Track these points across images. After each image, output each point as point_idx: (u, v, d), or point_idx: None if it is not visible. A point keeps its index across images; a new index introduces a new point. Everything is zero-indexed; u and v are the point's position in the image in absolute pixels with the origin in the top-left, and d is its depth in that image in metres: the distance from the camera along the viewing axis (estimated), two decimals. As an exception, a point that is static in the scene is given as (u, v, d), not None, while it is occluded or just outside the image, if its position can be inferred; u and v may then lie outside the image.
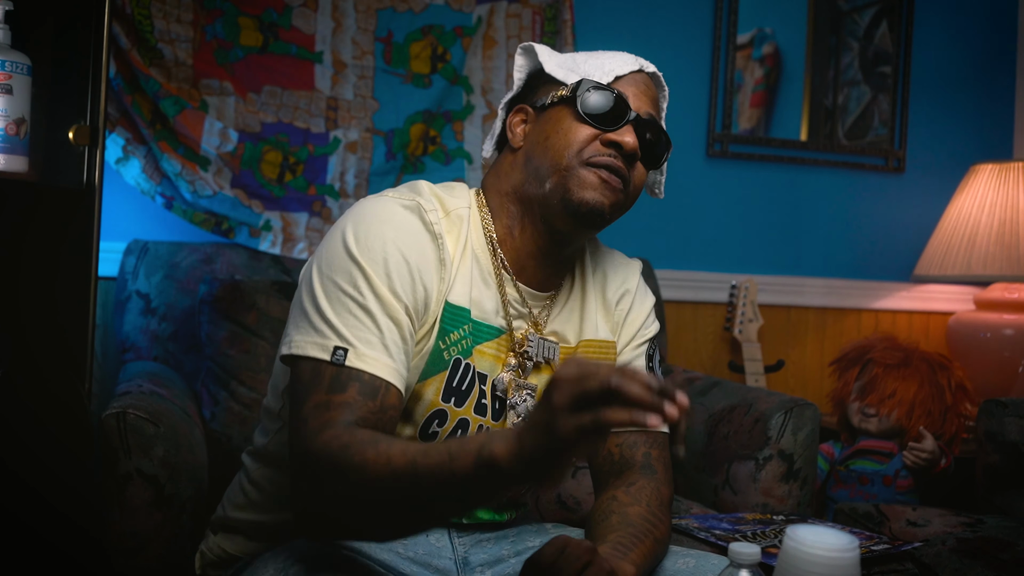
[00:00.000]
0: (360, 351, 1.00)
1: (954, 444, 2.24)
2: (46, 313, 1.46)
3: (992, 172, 2.57)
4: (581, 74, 1.13)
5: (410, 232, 1.06)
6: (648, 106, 1.14)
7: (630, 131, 1.10)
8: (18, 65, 1.39)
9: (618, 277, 1.26)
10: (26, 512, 1.34)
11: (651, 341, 1.27)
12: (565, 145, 1.10)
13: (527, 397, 1.15)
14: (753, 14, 2.59)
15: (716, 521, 1.68)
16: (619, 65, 1.14)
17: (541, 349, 1.16)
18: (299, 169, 2.13)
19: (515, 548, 1.18)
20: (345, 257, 1.04)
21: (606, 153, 1.10)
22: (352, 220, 1.07)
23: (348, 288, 1.03)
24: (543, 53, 1.16)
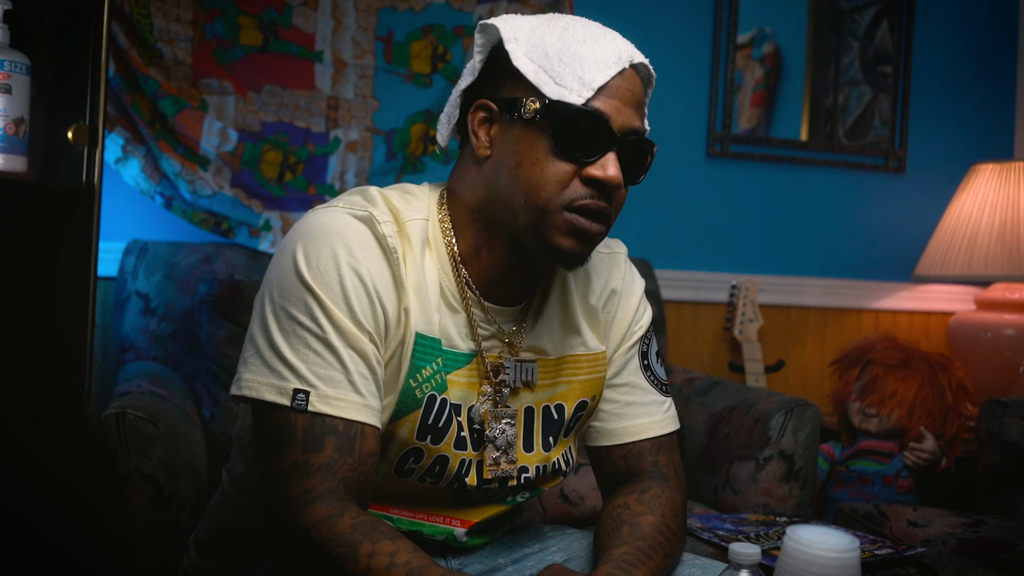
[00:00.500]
0: (323, 393, 0.92)
1: (955, 444, 2.24)
2: (45, 313, 1.46)
3: (993, 172, 2.57)
4: (555, 78, 0.96)
5: (364, 247, 0.96)
6: (633, 116, 0.99)
7: (613, 161, 0.97)
8: (17, 65, 1.39)
9: (601, 277, 1.14)
10: (26, 512, 1.33)
11: (643, 339, 1.16)
12: (541, 183, 0.96)
13: (506, 426, 1.05)
14: (753, 14, 2.59)
15: (719, 522, 1.68)
16: (600, 70, 0.97)
17: (518, 373, 1.06)
18: (299, 169, 2.13)
19: (512, 556, 1.14)
20: (297, 283, 0.94)
21: (586, 195, 0.96)
22: (301, 238, 0.96)
23: (304, 319, 0.93)
24: (509, 36, 0.99)
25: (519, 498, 1.11)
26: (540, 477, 1.10)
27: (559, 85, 0.96)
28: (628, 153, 0.99)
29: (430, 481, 1.04)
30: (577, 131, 0.96)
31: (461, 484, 1.05)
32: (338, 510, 0.90)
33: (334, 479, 0.91)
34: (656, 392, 1.14)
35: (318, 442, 0.92)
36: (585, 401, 1.11)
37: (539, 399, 1.09)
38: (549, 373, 1.09)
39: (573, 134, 0.96)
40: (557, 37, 0.98)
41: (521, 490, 1.10)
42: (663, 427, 1.13)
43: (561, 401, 1.10)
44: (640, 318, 1.16)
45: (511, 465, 1.05)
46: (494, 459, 1.05)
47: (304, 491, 0.91)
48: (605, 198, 0.98)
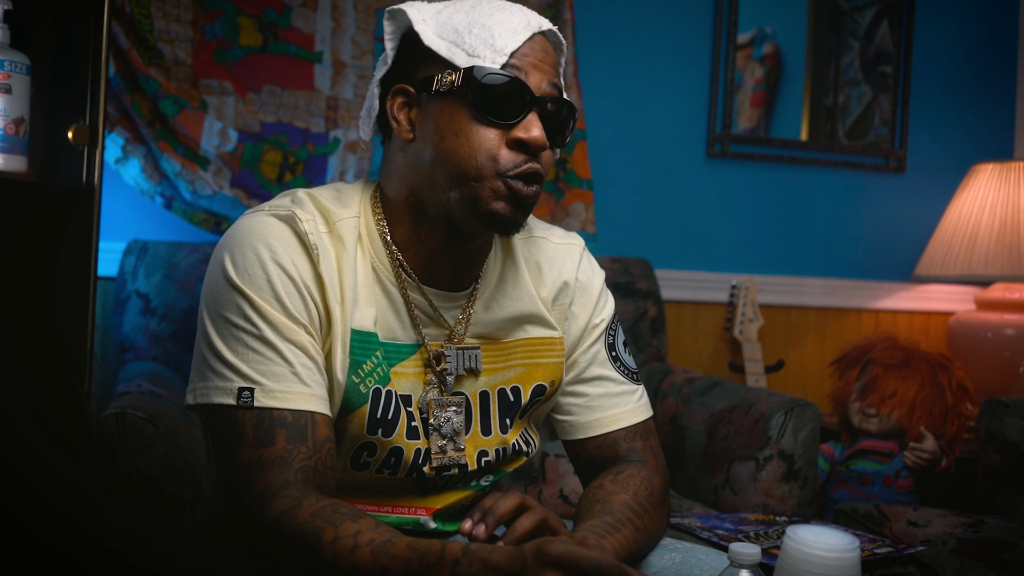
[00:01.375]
0: (268, 387, 0.94)
1: (955, 444, 2.24)
2: (45, 313, 1.46)
3: (993, 172, 2.57)
4: (467, 50, 0.97)
5: (286, 245, 0.97)
6: (550, 78, 1.00)
7: (535, 121, 0.97)
8: (17, 64, 1.39)
9: (553, 268, 1.13)
10: (26, 512, 1.33)
11: (607, 330, 1.15)
12: (469, 154, 0.96)
13: (452, 414, 1.06)
14: (753, 14, 2.59)
15: (719, 521, 1.68)
16: (511, 35, 0.97)
17: (460, 362, 1.06)
18: (299, 169, 2.13)
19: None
20: (228, 288, 0.96)
21: (516, 161, 0.97)
22: (227, 245, 0.98)
23: (239, 321, 0.95)
24: (416, 18, 1.00)
25: (483, 482, 1.12)
26: (501, 459, 1.11)
27: (472, 56, 0.97)
28: (550, 115, 0.99)
29: (388, 472, 1.05)
30: (496, 95, 0.96)
31: (420, 473, 1.06)
32: (296, 500, 0.90)
33: (290, 471, 0.92)
34: (627, 382, 1.15)
35: (269, 436, 0.93)
36: (543, 386, 1.11)
37: (494, 382, 1.09)
38: (500, 357, 1.10)
39: (493, 98, 0.96)
40: (464, 14, 1.00)
41: (483, 474, 1.11)
42: (636, 416, 1.14)
43: (517, 384, 1.10)
44: (601, 310, 1.16)
45: (458, 453, 1.06)
46: (440, 447, 1.05)
47: (262, 487, 0.92)
48: (535, 159, 0.98)
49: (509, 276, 1.10)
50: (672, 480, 2.08)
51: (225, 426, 0.95)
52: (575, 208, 2.30)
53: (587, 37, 2.39)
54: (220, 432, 0.96)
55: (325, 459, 0.96)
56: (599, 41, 2.45)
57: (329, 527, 0.88)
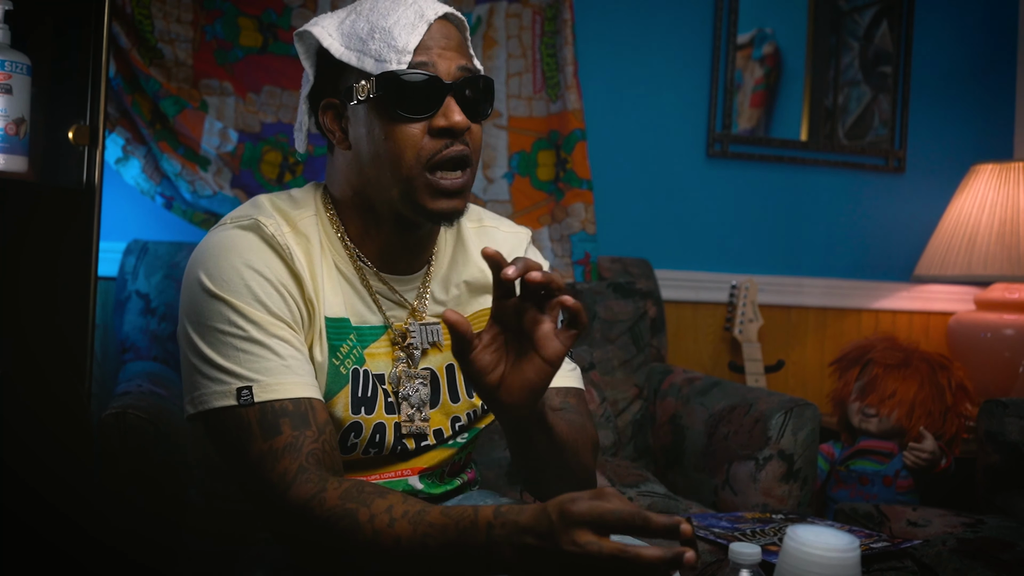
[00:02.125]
0: (264, 383, 0.98)
1: (954, 444, 2.24)
2: (46, 313, 1.46)
3: (992, 172, 2.57)
4: (374, 56, 1.02)
5: (257, 251, 1.03)
6: (457, 58, 1.05)
7: (453, 106, 1.03)
8: (18, 65, 1.39)
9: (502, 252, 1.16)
10: (26, 512, 1.33)
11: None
12: (398, 153, 1.03)
13: (419, 386, 1.13)
14: (753, 14, 2.59)
15: (715, 520, 1.68)
16: (408, 32, 1.02)
17: (424, 336, 1.14)
18: (299, 169, 2.13)
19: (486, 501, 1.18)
20: (208, 299, 1.01)
21: (442, 146, 1.03)
22: (199, 262, 1.03)
23: (224, 327, 1.00)
24: (323, 36, 1.05)
25: (459, 440, 1.18)
26: (472, 420, 1.19)
27: (380, 61, 1.02)
28: (467, 93, 1.05)
29: (374, 451, 1.11)
30: (410, 92, 1.02)
31: (403, 447, 1.12)
32: (319, 485, 0.94)
33: (301, 455, 0.96)
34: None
35: (275, 427, 0.97)
36: None
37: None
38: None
39: (408, 97, 1.02)
40: (364, 20, 1.05)
41: (459, 434, 1.18)
42: (566, 381, 1.19)
43: None
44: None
45: (423, 423, 1.13)
46: (408, 415, 1.12)
47: (279, 475, 0.95)
48: (459, 141, 1.04)
49: (459, 256, 1.19)
50: (672, 480, 2.08)
51: (230, 428, 0.99)
52: (575, 208, 2.30)
53: (587, 37, 2.39)
54: (225, 434, 1.00)
55: (330, 439, 1.00)
56: (599, 41, 2.45)
57: (362, 507, 0.91)
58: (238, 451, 0.98)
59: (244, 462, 0.98)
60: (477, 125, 1.07)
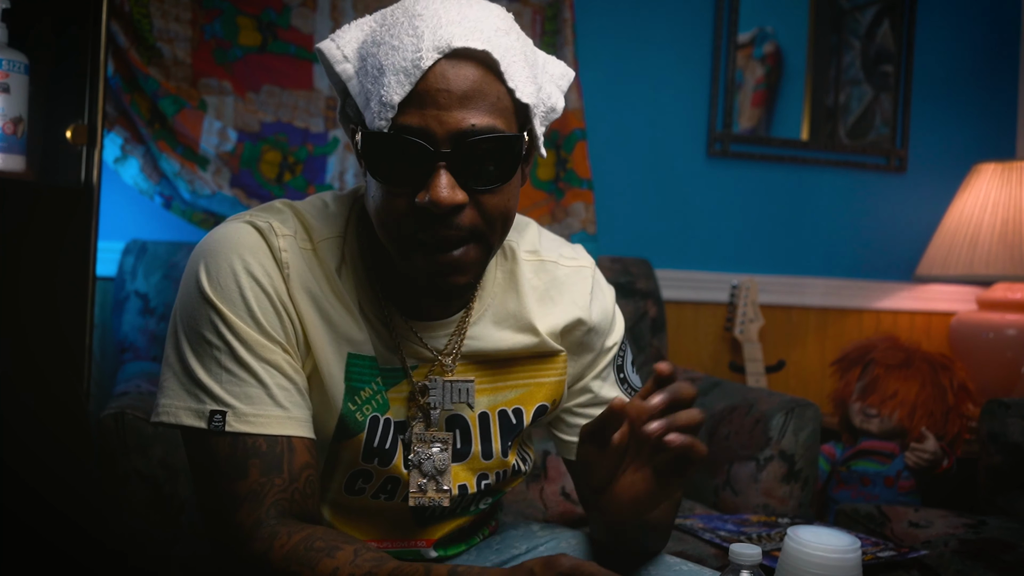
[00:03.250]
0: (240, 411, 0.89)
1: (956, 445, 2.24)
2: (44, 313, 1.45)
3: (994, 171, 2.56)
4: (369, 101, 0.86)
5: (260, 257, 0.92)
6: (464, 113, 0.84)
7: (440, 181, 0.83)
8: (16, 64, 1.39)
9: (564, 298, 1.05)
10: (26, 512, 1.33)
11: (616, 354, 1.10)
12: (380, 218, 0.89)
13: (435, 451, 0.99)
14: (754, 13, 2.58)
15: (721, 522, 1.68)
16: (398, 83, 0.83)
17: (447, 394, 0.98)
18: (298, 169, 2.13)
19: (500, 558, 1.11)
20: (201, 301, 0.90)
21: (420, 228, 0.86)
22: (203, 254, 0.93)
23: (212, 338, 0.90)
24: (337, 57, 0.89)
25: (482, 505, 1.09)
26: (500, 482, 1.07)
27: (370, 109, 0.86)
28: (470, 158, 0.85)
29: (384, 497, 1.02)
30: (392, 160, 0.85)
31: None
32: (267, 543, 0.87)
33: (262, 507, 0.88)
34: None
35: (242, 467, 0.89)
36: (545, 406, 1.06)
37: (493, 403, 1.03)
38: (497, 378, 1.03)
39: (389, 164, 0.86)
40: (376, 45, 0.87)
41: (483, 497, 1.07)
42: None
43: (519, 406, 1.05)
44: (612, 334, 1.10)
45: (440, 494, 0.99)
46: (419, 486, 0.99)
47: (236, 525, 0.88)
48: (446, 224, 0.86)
49: (510, 306, 1.03)
50: (672, 480, 2.07)
51: (198, 450, 0.92)
52: (575, 208, 2.30)
53: (587, 37, 2.39)
54: (193, 456, 0.93)
55: (303, 488, 0.91)
56: (599, 40, 2.45)
57: (306, 569, 0.84)
58: (203, 479, 0.92)
59: (207, 494, 0.91)
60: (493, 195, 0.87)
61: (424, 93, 0.83)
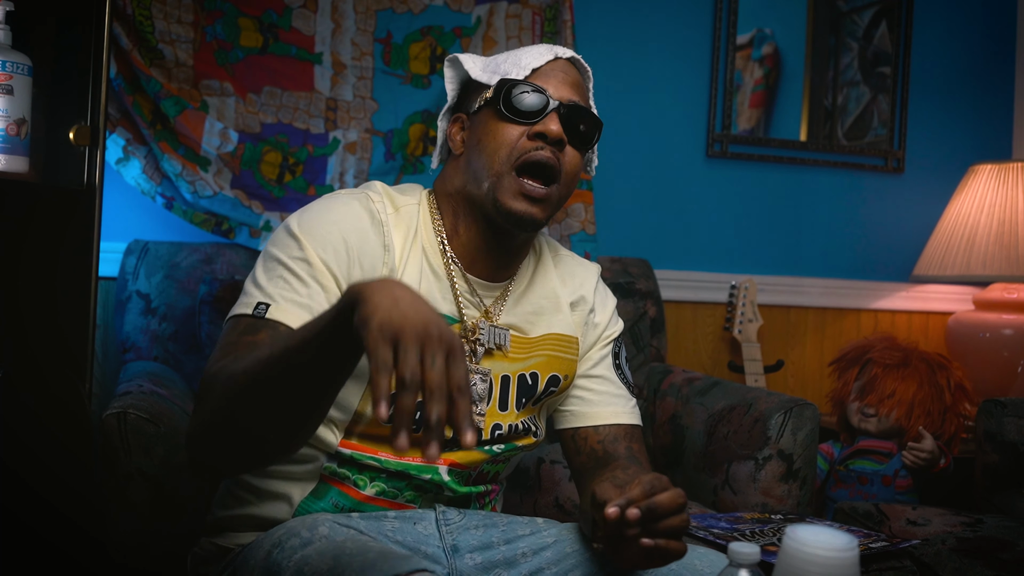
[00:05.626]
0: (281, 306, 1.06)
1: (953, 444, 2.24)
2: (46, 313, 1.46)
3: (991, 172, 2.57)
4: (501, 73, 1.18)
5: (354, 217, 1.14)
6: (570, 92, 1.18)
7: (554, 119, 1.15)
8: (19, 65, 1.39)
9: (575, 280, 1.32)
10: (26, 512, 1.34)
11: (615, 340, 1.34)
12: (496, 147, 1.15)
13: (478, 380, 1.20)
14: (753, 14, 2.59)
15: (714, 520, 1.68)
16: (534, 58, 1.18)
17: (492, 336, 1.21)
18: (299, 170, 2.13)
19: (504, 536, 1.19)
20: (286, 235, 1.12)
21: (533, 148, 1.14)
22: (300, 212, 1.15)
23: (282, 256, 1.10)
24: (467, 61, 1.22)
25: (495, 448, 1.23)
26: (512, 434, 1.24)
27: (506, 73, 1.18)
28: (569, 119, 1.16)
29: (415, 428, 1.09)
30: (519, 97, 1.15)
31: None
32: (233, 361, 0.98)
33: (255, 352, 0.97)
34: (625, 389, 1.32)
35: (255, 329, 1.05)
36: (557, 377, 1.27)
37: (516, 368, 1.24)
38: (524, 348, 1.25)
39: (516, 100, 1.15)
40: (504, 55, 1.22)
41: (495, 442, 1.23)
42: (631, 419, 1.29)
43: (536, 371, 1.25)
44: (612, 326, 1.34)
45: (479, 418, 1.20)
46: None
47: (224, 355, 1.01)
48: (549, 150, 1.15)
49: (539, 278, 1.28)
50: (672, 480, 2.06)
51: (231, 328, 1.07)
52: (575, 208, 2.31)
53: (587, 37, 2.40)
54: (224, 333, 1.08)
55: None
56: (599, 41, 2.46)
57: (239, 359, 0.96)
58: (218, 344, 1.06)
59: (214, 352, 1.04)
60: (575, 151, 1.18)
61: (549, 71, 1.18)
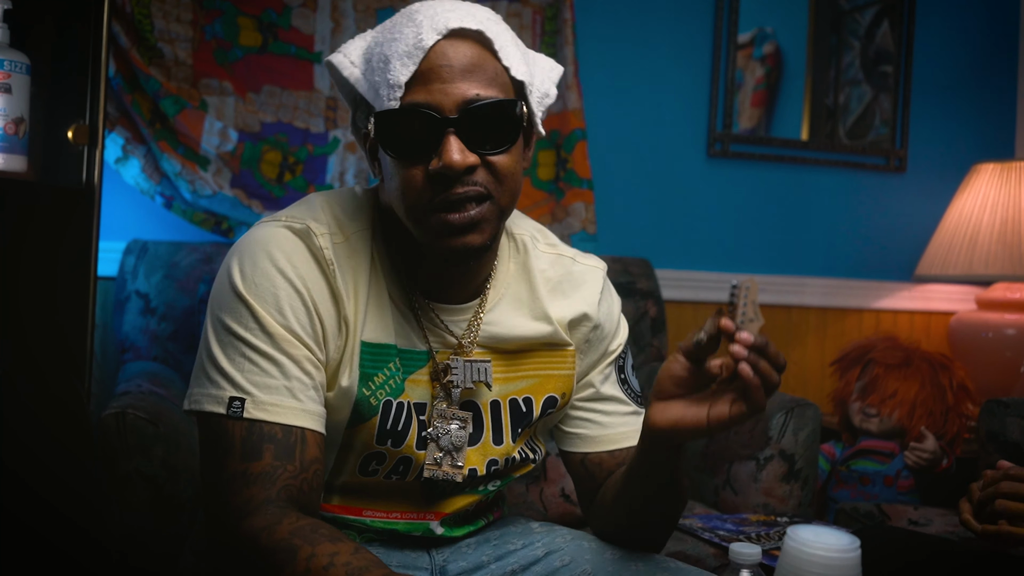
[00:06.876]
0: (259, 399, 0.93)
1: (955, 444, 2.24)
2: (45, 313, 1.46)
3: (994, 171, 2.56)
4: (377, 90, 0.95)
5: (299, 260, 0.97)
6: (465, 83, 0.93)
7: (450, 145, 0.92)
8: (17, 64, 1.39)
9: (576, 293, 1.13)
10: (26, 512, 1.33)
11: (619, 355, 1.17)
12: (399, 194, 0.96)
13: (454, 428, 1.05)
14: (754, 13, 2.59)
15: (720, 522, 1.68)
16: (403, 65, 0.92)
17: (467, 374, 1.05)
18: (298, 169, 2.13)
19: (496, 552, 1.13)
20: (232, 297, 0.96)
21: (439, 191, 0.94)
22: (239, 252, 0.98)
23: (239, 330, 0.95)
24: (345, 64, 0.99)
25: (490, 487, 1.13)
26: (509, 467, 1.12)
27: (379, 96, 0.95)
28: (475, 126, 0.93)
29: (396, 477, 1.06)
30: (403, 134, 0.94)
31: (428, 479, 1.06)
32: (277, 518, 0.89)
33: (274, 488, 0.91)
34: (633, 404, 1.17)
35: (257, 450, 0.92)
36: (554, 397, 1.12)
37: (504, 392, 1.09)
38: (510, 367, 1.09)
39: (402, 139, 0.94)
40: (379, 45, 0.97)
41: (491, 479, 1.12)
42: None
43: (529, 395, 1.11)
44: (617, 337, 1.17)
45: (454, 469, 1.05)
46: (435, 459, 1.05)
47: (244, 501, 0.91)
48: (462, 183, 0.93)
49: (522, 294, 1.10)
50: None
51: (215, 435, 0.95)
52: (575, 208, 2.30)
53: (587, 37, 2.39)
54: (209, 440, 0.96)
55: (312, 479, 0.95)
56: (599, 41, 2.45)
57: (306, 545, 0.87)
58: (214, 463, 0.94)
59: (216, 476, 0.94)
60: (502, 156, 0.95)
61: (428, 71, 0.93)
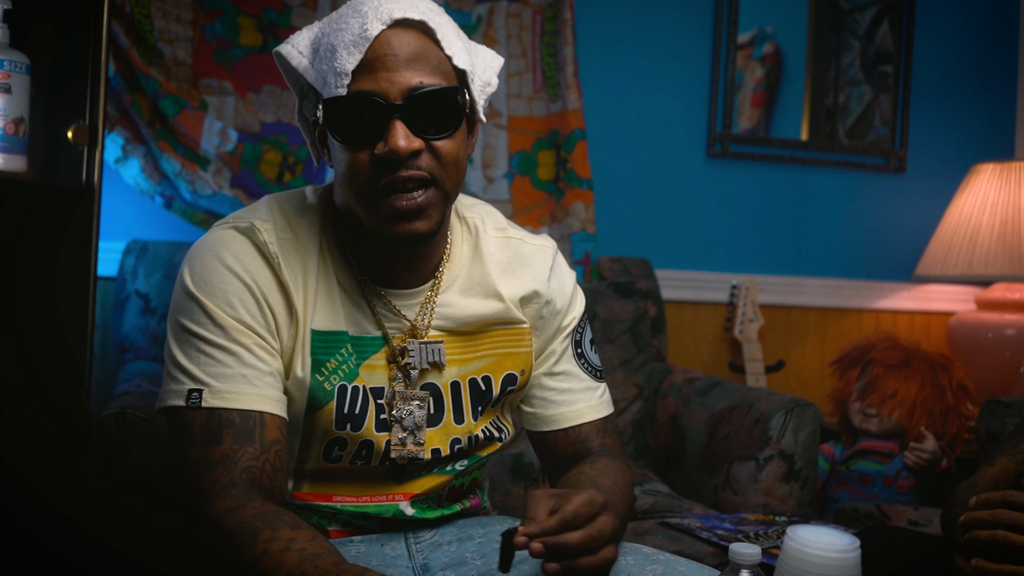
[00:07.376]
0: (215, 388, 0.98)
1: (955, 444, 2.24)
2: (45, 313, 1.46)
3: (993, 172, 2.57)
4: (324, 78, 0.98)
5: (245, 256, 1.02)
6: (410, 72, 0.96)
7: (395, 130, 0.95)
8: (17, 64, 1.39)
9: (525, 271, 1.15)
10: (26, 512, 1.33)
11: (575, 329, 1.19)
12: (347, 180, 1.00)
13: (415, 408, 1.08)
14: (754, 13, 2.59)
15: (718, 521, 1.68)
16: (349, 53, 0.96)
17: (423, 355, 1.09)
18: (298, 169, 2.13)
19: (481, 549, 1.13)
20: (185, 297, 1.01)
21: (386, 175, 0.97)
22: (189, 258, 1.04)
23: (192, 327, 1.00)
24: (293, 54, 1.03)
25: (457, 466, 1.15)
26: (473, 446, 1.14)
27: (326, 84, 0.99)
28: (419, 112, 0.97)
29: (361, 462, 1.09)
30: (350, 120, 0.98)
31: (392, 462, 1.09)
32: (240, 502, 0.93)
33: (236, 470, 0.96)
34: (590, 379, 1.19)
35: (217, 436, 0.97)
36: (513, 375, 1.15)
37: (464, 372, 1.12)
38: (468, 347, 1.12)
39: (349, 125, 0.98)
40: (326, 35, 1.00)
41: (457, 459, 1.14)
42: (599, 411, 1.19)
43: (488, 374, 1.14)
44: (570, 312, 1.19)
45: (417, 447, 1.09)
46: (400, 439, 1.08)
47: (209, 484, 0.95)
48: (407, 167, 0.97)
49: (475, 274, 1.13)
50: (672, 480, 2.08)
51: (178, 426, 0.99)
52: (575, 208, 2.30)
53: (587, 37, 2.39)
54: (173, 433, 1.01)
55: (274, 460, 0.99)
56: (599, 41, 2.45)
57: (267, 528, 0.90)
58: (180, 452, 0.99)
59: (182, 464, 0.98)
60: (446, 141, 0.99)
61: (373, 60, 0.96)
